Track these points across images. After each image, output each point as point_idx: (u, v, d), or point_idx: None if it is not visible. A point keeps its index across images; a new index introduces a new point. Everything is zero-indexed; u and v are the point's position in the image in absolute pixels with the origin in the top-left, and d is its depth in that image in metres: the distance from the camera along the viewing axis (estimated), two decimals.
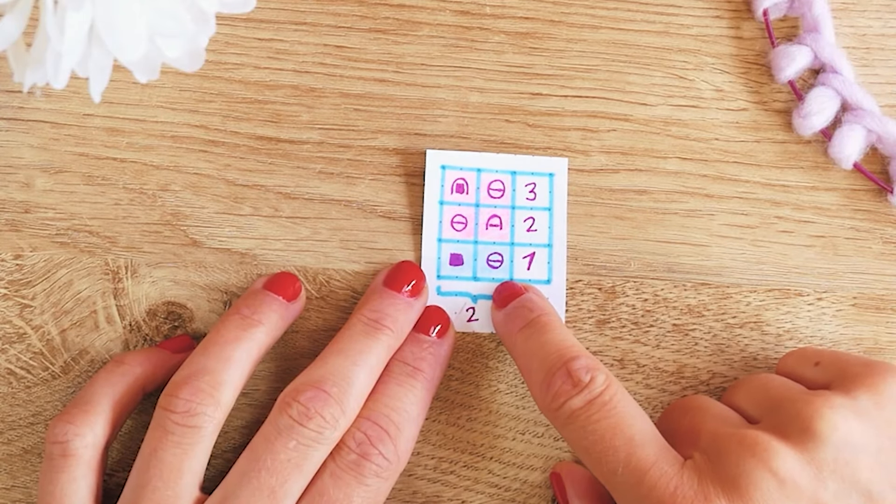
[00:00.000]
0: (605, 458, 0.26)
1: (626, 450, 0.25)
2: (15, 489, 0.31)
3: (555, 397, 0.27)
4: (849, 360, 0.28)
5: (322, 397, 0.27)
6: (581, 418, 0.26)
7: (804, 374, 0.29)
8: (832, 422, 0.25)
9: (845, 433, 0.25)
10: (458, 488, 0.32)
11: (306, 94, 0.33)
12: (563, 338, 0.28)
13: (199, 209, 0.32)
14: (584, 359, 0.27)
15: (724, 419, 0.27)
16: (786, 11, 0.34)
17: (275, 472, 0.27)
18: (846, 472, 0.24)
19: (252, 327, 0.29)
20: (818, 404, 0.25)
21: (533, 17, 0.34)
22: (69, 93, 0.32)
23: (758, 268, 0.33)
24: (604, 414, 0.26)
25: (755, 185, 0.33)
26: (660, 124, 0.33)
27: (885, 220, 0.33)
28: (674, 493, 0.24)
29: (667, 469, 0.25)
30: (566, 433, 0.27)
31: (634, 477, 0.25)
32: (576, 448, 0.27)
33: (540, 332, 0.29)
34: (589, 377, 0.26)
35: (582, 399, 0.26)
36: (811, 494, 0.24)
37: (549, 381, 0.27)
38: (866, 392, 0.26)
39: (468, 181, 0.33)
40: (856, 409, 0.25)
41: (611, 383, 0.27)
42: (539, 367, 0.28)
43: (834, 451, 0.24)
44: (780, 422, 0.26)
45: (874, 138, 0.33)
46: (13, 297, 0.31)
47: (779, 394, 0.27)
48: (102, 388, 0.29)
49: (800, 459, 0.24)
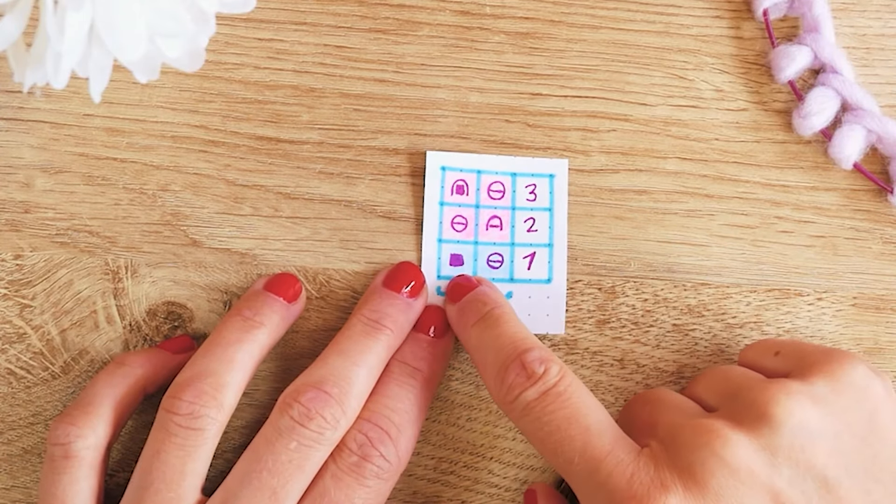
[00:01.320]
0: (560, 448, 0.25)
1: (581, 439, 0.25)
2: (15, 489, 0.31)
3: (509, 390, 0.27)
4: (807, 349, 0.28)
5: (323, 398, 0.27)
6: (536, 410, 0.26)
7: (764, 364, 0.29)
8: (788, 407, 0.25)
9: (801, 419, 0.25)
10: (458, 488, 0.32)
11: (306, 94, 0.33)
12: (517, 330, 0.28)
13: (199, 209, 0.32)
14: (538, 350, 0.27)
15: (682, 409, 0.27)
16: (786, 11, 0.34)
17: (276, 472, 0.27)
18: (801, 457, 0.24)
19: (254, 329, 0.29)
20: (774, 390, 0.25)
21: (533, 17, 0.34)
22: (69, 93, 0.32)
23: (758, 268, 0.33)
24: (559, 405, 0.26)
25: (755, 185, 0.33)
26: (660, 124, 0.33)
27: (885, 220, 0.33)
28: (630, 479, 0.24)
29: (623, 457, 0.25)
30: (522, 425, 0.27)
31: (591, 465, 0.25)
32: (532, 439, 0.27)
33: (493, 325, 0.29)
34: (543, 369, 0.26)
35: (536, 391, 0.26)
36: (766, 480, 0.24)
37: (504, 375, 0.27)
38: (823, 378, 0.26)
39: (468, 182, 0.33)
40: (812, 395, 0.25)
41: (565, 374, 0.26)
42: (493, 360, 0.28)
43: (789, 436, 0.24)
44: (736, 409, 0.26)
45: (874, 138, 0.33)
46: (13, 297, 0.31)
47: (737, 382, 0.27)
48: (103, 389, 0.29)
49: (754, 446, 0.24)
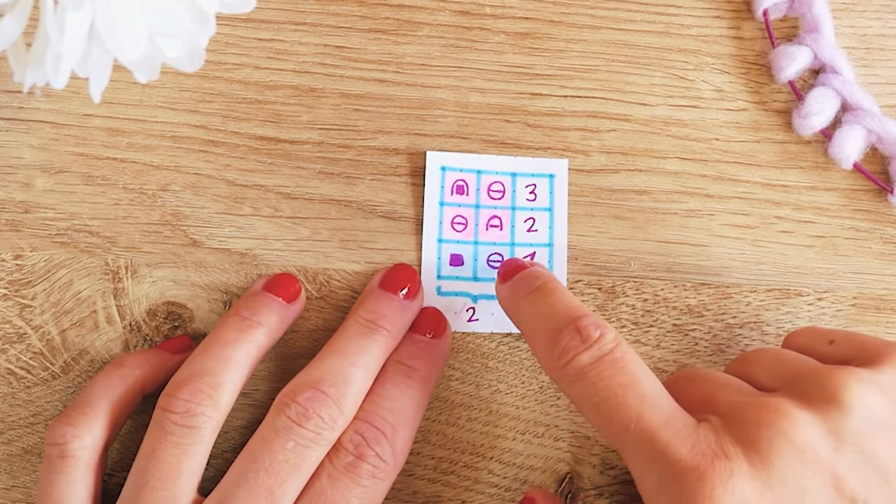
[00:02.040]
0: (617, 414, 0.24)
1: (638, 407, 0.24)
2: (15, 489, 0.31)
3: (562, 354, 0.26)
4: (867, 339, 0.28)
5: (320, 398, 0.27)
6: (591, 374, 0.25)
7: (819, 350, 0.28)
8: (858, 394, 0.24)
9: (870, 407, 0.24)
10: (458, 488, 0.32)
11: (306, 94, 0.33)
12: (571, 300, 0.28)
13: (199, 209, 0.32)
14: (593, 317, 0.26)
15: (737, 387, 0.26)
16: (786, 11, 0.34)
17: (273, 472, 0.27)
18: (866, 445, 0.24)
19: (251, 329, 0.29)
20: (844, 375, 0.25)
21: (533, 17, 0.34)
22: (69, 93, 0.32)
23: (758, 268, 0.33)
24: (616, 370, 0.25)
25: (755, 185, 0.33)
26: (660, 124, 0.33)
27: (885, 220, 0.33)
28: (691, 449, 0.23)
29: (681, 428, 0.24)
30: (574, 391, 0.26)
31: (647, 434, 0.24)
32: (584, 406, 0.26)
33: (547, 295, 0.28)
34: (598, 333, 0.26)
35: (591, 355, 0.25)
36: (829, 464, 0.23)
37: (557, 339, 0.26)
38: (892, 369, 0.26)
39: (468, 183, 0.33)
40: (881, 384, 0.25)
41: (621, 342, 0.26)
42: (545, 326, 0.27)
43: (857, 423, 0.24)
44: (802, 391, 0.25)
45: (874, 138, 0.33)
46: (13, 297, 0.31)
47: (798, 365, 0.27)
48: (101, 389, 0.29)
49: (821, 428, 0.24)
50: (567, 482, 0.32)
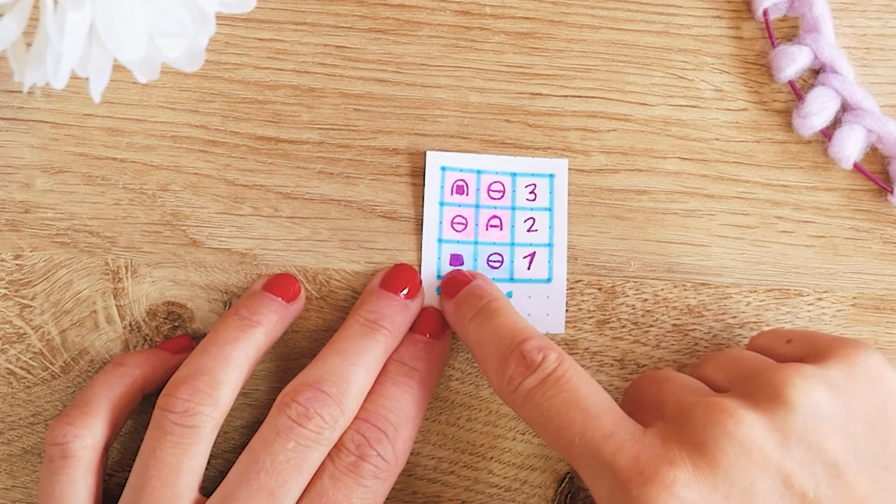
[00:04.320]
0: (561, 431, 0.26)
1: (581, 421, 0.25)
2: (15, 489, 0.31)
3: (510, 381, 0.27)
4: (821, 337, 0.28)
5: (321, 397, 0.27)
6: (536, 397, 0.26)
7: (776, 351, 0.29)
8: (803, 390, 0.24)
9: (815, 402, 0.24)
10: (458, 488, 0.32)
11: (306, 94, 0.33)
12: (514, 321, 0.29)
13: (199, 209, 0.32)
14: (535, 339, 0.27)
15: (691, 388, 0.27)
16: (786, 11, 0.34)
17: (274, 472, 0.27)
18: (813, 440, 0.24)
19: (251, 328, 0.29)
20: (789, 372, 0.25)
21: (533, 17, 0.34)
22: (69, 93, 0.32)
23: (758, 268, 0.33)
24: (557, 389, 0.26)
25: (755, 185, 0.33)
26: (660, 124, 0.33)
27: (885, 220, 0.33)
28: (636, 457, 0.24)
29: (626, 436, 0.25)
30: (524, 413, 0.27)
31: (592, 446, 0.25)
32: (534, 427, 0.27)
33: (491, 317, 0.29)
34: (541, 356, 0.27)
35: (536, 378, 0.26)
36: (777, 461, 0.24)
37: (504, 366, 0.27)
38: (838, 364, 0.26)
39: (468, 183, 0.33)
40: (827, 379, 0.25)
41: (563, 360, 0.27)
42: (493, 353, 0.28)
43: (803, 419, 0.24)
44: (749, 390, 0.25)
45: (874, 138, 0.33)
46: (13, 297, 0.31)
47: (750, 365, 0.27)
48: (101, 389, 0.29)
49: (767, 426, 0.24)
50: (567, 482, 0.32)
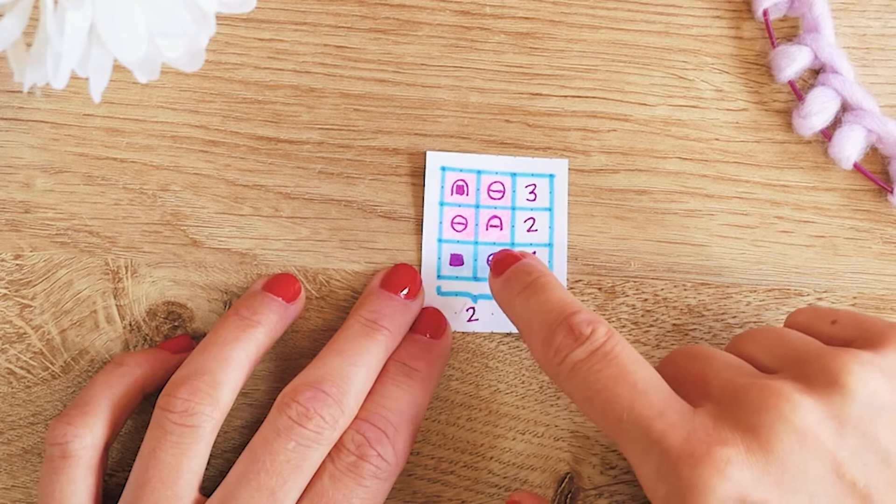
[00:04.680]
0: (608, 406, 0.25)
1: (629, 396, 0.24)
2: (15, 489, 0.31)
3: (556, 352, 0.26)
4: (870, 320, 0.27)
5: (321, 398, 0.27)
6: (583, 370, 0.25)
7: (822, 331, 0.28)
8: (861, 377, 0.24)
9: (873, 390, 0.24)
10: (458, 488, 0.32)
11: (306, 94, 0.33)
12: (562, 296, 0.28)
13: (199, 209, 0.32)
14: (585, 313, 0.26)
15: (738, 368, 0.26)
16: (786, 11, 0.34)
17: (274, 473, 0.27)
18: (868, 429, 0.23)
19: (251, 328, 0.29)
20: (846, 358, 0.24)
21: (533, 17, 0.34)
22: (69, 93, 0.32)
23: (758, 268, 0.33)
24: (606, 363, 0.25)
25: (755, 185, 0.33)
26: (660, 124, 0.33)
27: (885, 220, 0.33)
28: (687, 437, 0.23)
29: (676, 417, 0.24)
30: (569, 387, 0.26)
31: (640, 423, 0.24)
32: (579, 401, 0.26)
33: (539, 291, 0.28)
34: (590, 329, 0.26)
35: (584, 351, 0.25)
36: (831, 449, 0.23)
37: (551, 338, 0.26)
38: (894, 351, 0.25)
39: (468, 183, 0.33)
40: (883, 367, 0.24)
41: (612, 334, 0.26)
42: (539, 325, 0.27)
43: (859, 407, 0.23)
44: (803, 373, 0.25)
45: (874, 138, 0.33)
46: (13, 297, 0.31)
47: (800, 346, 0.26)
48: (102, 389, 0.29)
49: (823, 413, 0.23)
50: (567, 482, 0.32)
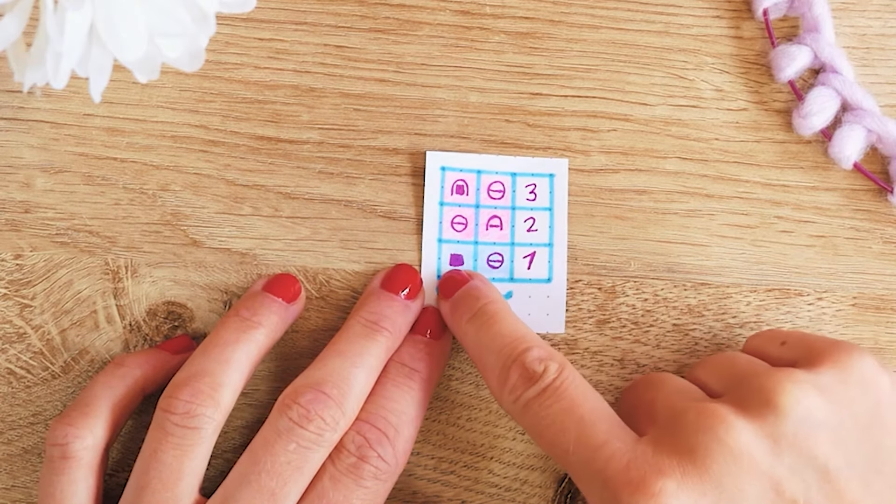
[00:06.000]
0: (557, 439, 0.26)
1: (575, 429, 0.25)
2: (15, 489, 0.31)
3: (511, 391, 0.27)
4: (814, 339, 0.28)
5: (322, 399, 0.27)
6: (535, 406, 0.26)
7: (770, 353, 0.29)
8: (794, 396, 0.24)
9: (806, 408, 0.24)
10: (458, 488, 0.32)
11: (306, 94, 0.33)
12: (514, 328, 0.29)
13: (199, 209, 0.32)
14: (537, 349, 0.27)
15: (685, 393, 0.27)
16: (786, 11, 0.34)
17: (274, 474, 0.27)
18: (804, 446, 0.24)
19: (251, 329, 0.29)
20: (780, 378, 0.25)
21: (533, 17, 0.34)
22: (69, 93, 0.32)
23: (758, 268, 0.33)
24: (556, 398, 0.26)
25: (755, 185, 0.33)
26: (660, 124, 0.33)
27: (885, 220, 0.33)
28: (627, 466, 0.24)
29: (619, 445, 0.25)
30: (523, 423, 0.27)
31: (586, 454, 0.25)
32: (532, 435, 0.27)
33: (489, 322, 0.29)
34: (542, 367, 0.27)
35: (535, 389, 0.27)
36: (766, 468, 0.23)
37: (506, 376, 0.27)
38: (831, 368, 0.26)
39: (468, 183, 0.33)
40: (818, 384, 0.25)
41: (564, 369, 0.27)
42: (494, 362, 0.28)
43: (793, 425, 0.24)
44: (741, 395, 0.25)
45: (874, 138, 0.33)
46: (13, 297, 0.31)
47: (742, 368, 0.27)
48: (102, 390, 0.29)
49: (757, 432, 0.24)
50: (567, 482, 0.32)
